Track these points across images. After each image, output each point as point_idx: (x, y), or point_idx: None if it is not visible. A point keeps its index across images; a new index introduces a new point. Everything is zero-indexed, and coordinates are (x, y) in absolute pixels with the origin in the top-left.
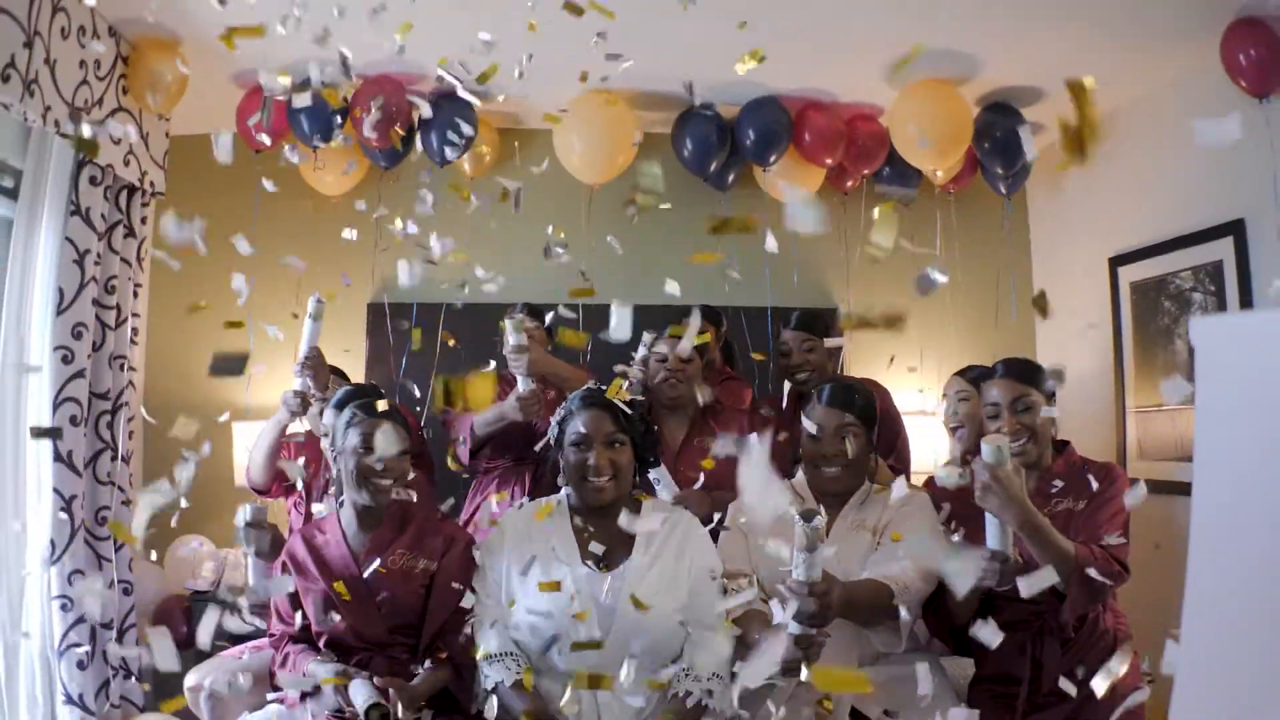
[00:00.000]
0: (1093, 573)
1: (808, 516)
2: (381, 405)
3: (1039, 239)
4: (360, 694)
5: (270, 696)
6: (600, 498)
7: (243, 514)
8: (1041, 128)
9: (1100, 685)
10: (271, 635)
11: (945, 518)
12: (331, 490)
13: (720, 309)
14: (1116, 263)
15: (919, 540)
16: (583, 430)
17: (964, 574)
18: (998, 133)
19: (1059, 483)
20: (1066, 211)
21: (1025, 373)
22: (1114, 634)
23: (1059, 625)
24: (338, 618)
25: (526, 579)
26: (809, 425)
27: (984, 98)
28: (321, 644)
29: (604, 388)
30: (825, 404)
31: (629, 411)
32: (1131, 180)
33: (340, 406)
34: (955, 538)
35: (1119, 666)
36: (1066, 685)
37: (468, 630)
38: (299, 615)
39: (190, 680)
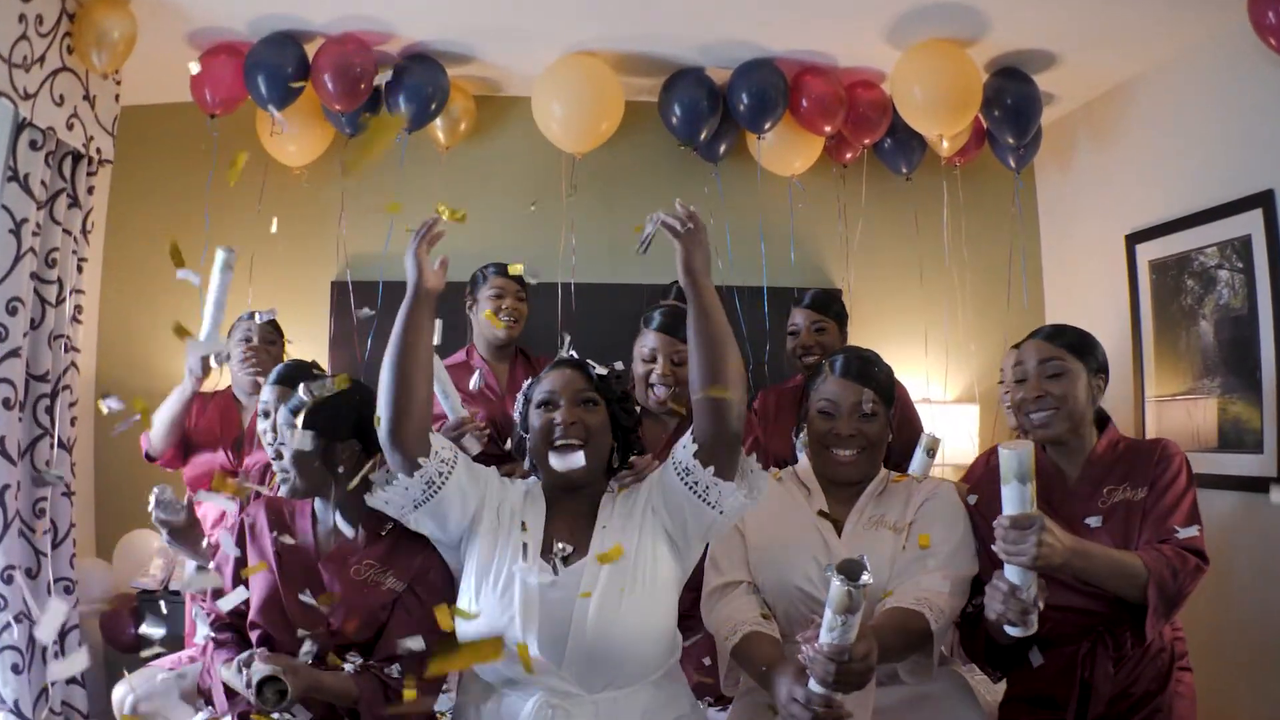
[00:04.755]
0: (1169, 578)
1: (852, 572)
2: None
3: (1049, 216)
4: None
5: None
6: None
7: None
8: (1054, 98)
9: None
10: (202, 605)
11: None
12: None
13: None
14: (1134, 240)
15: (949, 545)
16: (549, 388)
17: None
18: (1008, 100)
19: (1108, 469)
20: (1079, 186)
21: (1068, 339)
22: (1172, 649)
23: (1115, 639)
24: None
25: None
26: (820, 400)
27: (993, 62)
28: (255, 636)
29: (573, 354)
30: (840, 375)
31: (604, 373)
32: (1150, 151)
33: (278, 383)
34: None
35: None
36: None
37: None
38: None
39: (118, 693)
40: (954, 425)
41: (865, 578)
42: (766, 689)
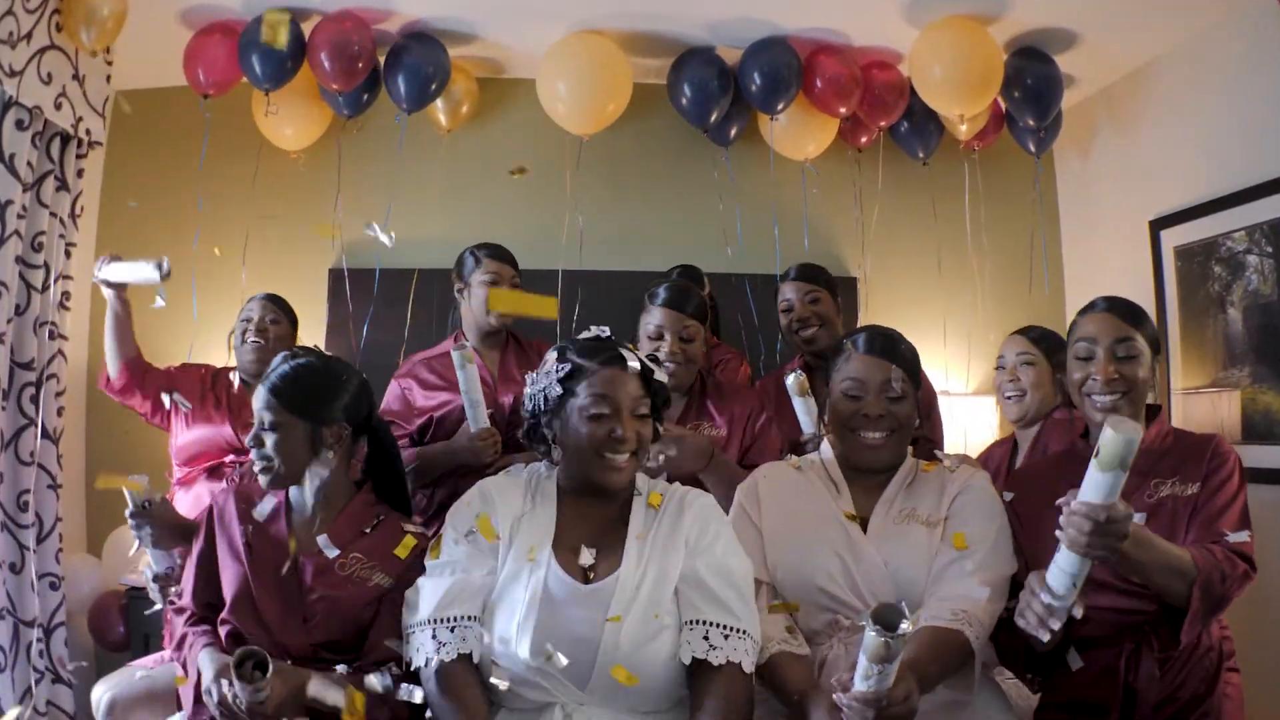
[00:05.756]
0: (1216, 580)
1: (889, 621)
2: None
3: (1070, 202)
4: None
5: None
6: (619, 479)
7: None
8: (1075, 80)
9: None
10: (172, 603)
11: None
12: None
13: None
14: (1158, 225)
15: (987, 543)
16: (605, 394)
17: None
18: (1029, 80)
19: (1157, 460)
20: (1101, 171)
21: (1137, 315)
22: (1220, 648)
23: (1159, 641)
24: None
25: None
26: (844, 381)
27: (1014, 41)
28: (224, 633)
29: (608, 335)
30: (865, 352)
31: (653, 369)
32: (1174, 134)
33: None
34: None
35: None
36: None
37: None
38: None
39: (96, 692)
40: (974, 417)
41: (904, 626)
42: (795, 714)
